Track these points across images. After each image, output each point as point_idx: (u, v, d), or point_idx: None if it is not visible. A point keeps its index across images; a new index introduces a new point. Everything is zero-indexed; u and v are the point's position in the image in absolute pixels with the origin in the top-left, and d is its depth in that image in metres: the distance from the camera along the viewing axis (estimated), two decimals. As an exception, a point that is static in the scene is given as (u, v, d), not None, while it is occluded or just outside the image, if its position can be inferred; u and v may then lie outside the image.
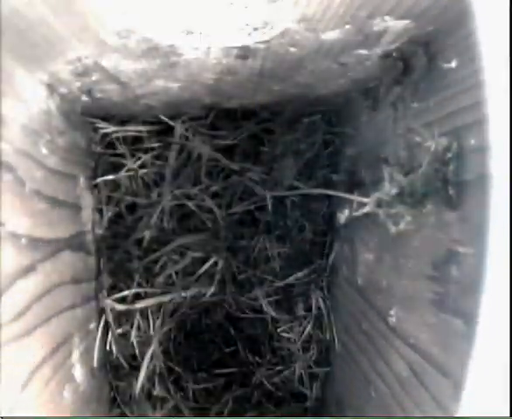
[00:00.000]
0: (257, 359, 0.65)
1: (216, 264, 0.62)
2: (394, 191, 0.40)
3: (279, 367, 0.65)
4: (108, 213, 0.61)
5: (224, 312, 0.65)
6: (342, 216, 0.56)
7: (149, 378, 0.62)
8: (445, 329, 0.31)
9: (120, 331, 0.61)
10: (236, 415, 0.63)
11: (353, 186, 0.53)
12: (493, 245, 0.25)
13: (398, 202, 0.39)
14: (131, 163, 0.61)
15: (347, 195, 0.51)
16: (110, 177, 0.61)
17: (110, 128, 0.60)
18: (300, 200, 0.63)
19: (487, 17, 0.25)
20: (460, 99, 0.30)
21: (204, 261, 0.62)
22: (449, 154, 0.31)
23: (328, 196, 0.62)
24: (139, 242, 0.62)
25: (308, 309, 0.64)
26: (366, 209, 0.43)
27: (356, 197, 0.48)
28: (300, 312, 0.65)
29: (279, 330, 0.64)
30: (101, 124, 0.59)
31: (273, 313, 0.64)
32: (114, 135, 0.60)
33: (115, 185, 0.61)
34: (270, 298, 0.64)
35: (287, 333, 0.65)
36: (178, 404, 0.63)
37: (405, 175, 0.38)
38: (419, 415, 0.34)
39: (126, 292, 0.61)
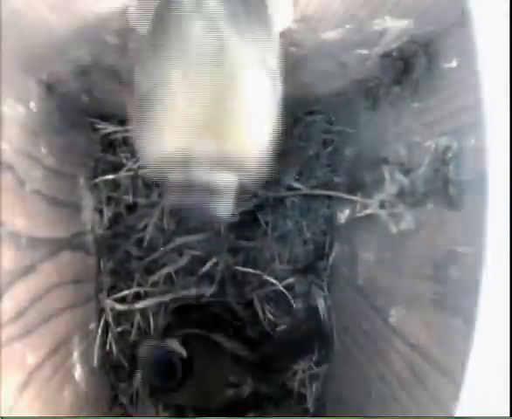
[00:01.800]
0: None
1: (216, 264, 0.62)
2: (395, 191, 0.40)
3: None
4: (108, 213, 0.61)
5: (224, 312, 0.64)
6: (343, 216, 0.56)
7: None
8: (445, 329, 0.31)
9: (120, 330, 0.61)
10: (236, 414, 0.63)
11: (353, 186, 0.53)
12: (493, 245, 0.25)
13: (399, 202, 0.39)
14: (131, 163, 0.61)
15: (348, 196, 0.51)
16: (110, 177, 0.61)
17: (110, 128, 0.60)
18: (301, 200, 0.63)
19: (486, 17, 0.25)
20: (460, 99, 0.30)
21: (204, 261, 0.62)
22: (449, 154, 0.31)
23: (329, 196, 0.62)
24: (139, 242, 0.62)
25: (308, 309, 0.64)
26: (369, 211, 0.43)
27: (357, 198, 0.48)
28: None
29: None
30: (101, 124, 0.59)
31: (274, 313, 0.64)
32: (114, 135, 0.60)
33: (115, 185, 0.61)
34: (270, 299, 0.64)
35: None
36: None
37: (406, 174, 0.38)
38: (419, 414, 0.34)
39: (126, 292, 0.61)
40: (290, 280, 0.63)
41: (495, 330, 0.24)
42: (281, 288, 0.63)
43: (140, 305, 0.61)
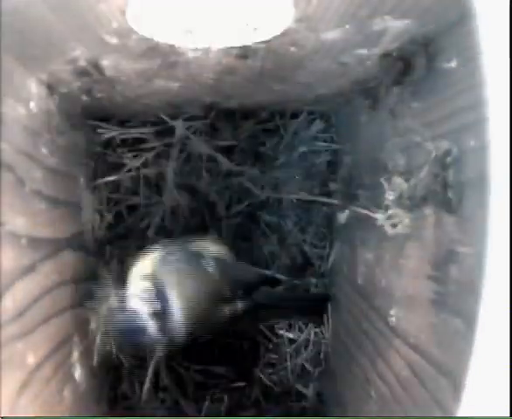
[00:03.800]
0: (256, 358, 0.65)
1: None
2: (393, 194, 0.40)
3: (278, 367, 0.65)
4: (109, 213, 0.61)
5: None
6: (342, 216, 0.56)
7: (150, 377, 0.62)
8: (445, 329, 0.31)
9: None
10: (236, 414, 0.63)
11: (352, 187, 0.53)
12: (493, 245, 0.25)
13: (396, 206, 0.39)
14: (131, 163, 0.61)
15: (345, 203, 0.52)
16: (110, 178, 0.61)
17: (110, 129, 0.60)
18: (300, 200, 0.63)
19: (487, 17, 0.25)
20: (460, 99, 0.30)
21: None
22: (449, 159, 0.31)
23: (328, 196, 0.62)
24: (139, 242, 0.62)
25: (308, 309, 0.64)
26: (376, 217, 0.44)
27: (356, 208, 0.49)
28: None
29: (278, 330, 0.64)
30: (101, 125, 0.59)
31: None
32: (114, 136, 0.60)
33: (116, 185, 0.61)
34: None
35: (287, 332, 0.65)
36: (179, 402, 0.63)
37: (405, 176, 0.38)
38: (419, 415, 0.34)
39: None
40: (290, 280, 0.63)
41: (495, 330, 0.24)
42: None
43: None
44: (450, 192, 0.31)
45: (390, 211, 0.40)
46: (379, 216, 0.42)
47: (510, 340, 0.24)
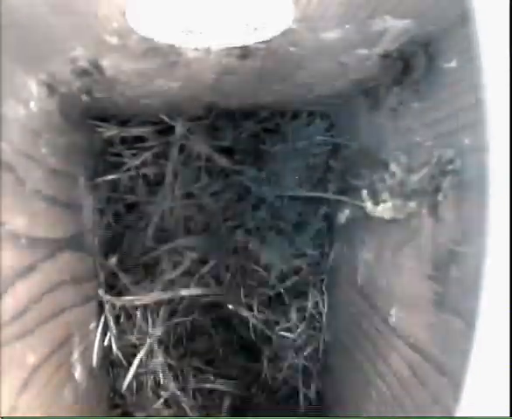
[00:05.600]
0: (256, 358, 0.65)
1: (215, 264, 0.62)
2: (392, 190, 0.40)
3: (279, 367, 0.65)
4: (109, 213, 0.61)
5: (223, 311, 0.64)
6: (342, 215, 0.56)
7: (149, 376, 0.62)
8: (445, 329, 0.31)
9: (119, 330, 0.61)
10: (237, 414, 0.63)
11: (352, 186, 0.53)
12: (493, 245, 0.25)
13: (389, 195, 0.39)
14: (131, 163, 0.61)
15: (345, 199, 0.51)
16: (110, 177, 0.61)
17: (110, 129, 0.60)
18: (300, 200, 0.63)
19: (487, 17, 0.25)
20: (460, 100, 0.30)
21: (203, 261, 0.62)
22: (450, 167, 0.31)
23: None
24: (139, 241, 0.62)
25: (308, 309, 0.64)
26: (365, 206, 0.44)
27: (353, 201, 0.49)
28: (300, 312, 0.65)
29: (278, 330, 0.64)
30: (102, 124, 0.59)
31: (273, 313, 0.64)
32: (114, 135, 0.60)
33: (115, 185, 0.61)
34: (270, 298, 0.64)
35: (287, 332, 0.65)
36: (179, 400, 0.63)
37: (404, 174, 0.38)
38: (419, 415, 0.34)
39: (125, 292, 0.61)
40: (289, 280, 0.64)
41: (495, 330, 0.24)
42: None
43: (140, 304, 0.61)
44: (440, 196, 0.31)
45: (381, 201, 0.40)
46: (369, 204, 0.42)
47: (510, 340, 0.24)
